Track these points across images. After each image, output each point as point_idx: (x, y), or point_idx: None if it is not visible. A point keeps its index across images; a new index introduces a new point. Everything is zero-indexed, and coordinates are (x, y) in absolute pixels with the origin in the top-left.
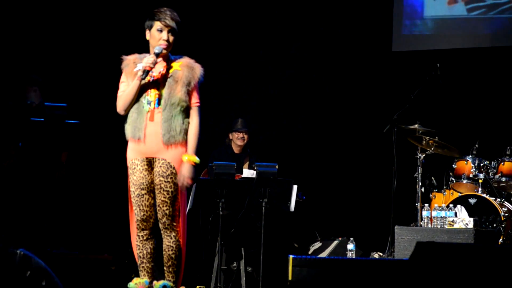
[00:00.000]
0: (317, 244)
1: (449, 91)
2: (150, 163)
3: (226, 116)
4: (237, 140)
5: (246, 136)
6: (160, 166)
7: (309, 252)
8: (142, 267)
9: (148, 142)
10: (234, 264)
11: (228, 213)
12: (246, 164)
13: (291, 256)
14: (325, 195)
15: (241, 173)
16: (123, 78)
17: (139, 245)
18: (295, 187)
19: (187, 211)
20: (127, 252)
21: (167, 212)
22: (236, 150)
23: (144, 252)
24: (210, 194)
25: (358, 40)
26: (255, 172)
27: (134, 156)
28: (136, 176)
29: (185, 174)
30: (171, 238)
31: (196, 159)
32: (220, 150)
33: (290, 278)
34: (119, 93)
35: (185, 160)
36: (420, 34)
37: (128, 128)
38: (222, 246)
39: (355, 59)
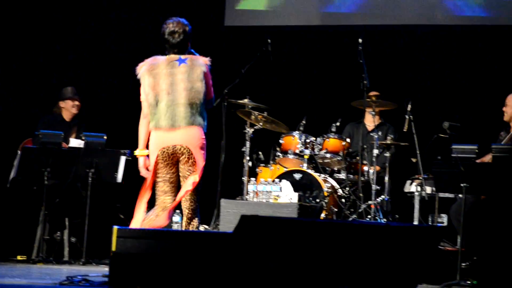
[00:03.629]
0: None
1: (279, 68)
2: None
3: (54, 84)
4: (72, 108)
5: (79, 104)
6: None
7: None
8: None
9: None
10: (58, 234)
11: (53, 182)
12: (74, 134)
13: (115, 227)
14: None
15: (68, 142)
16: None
17: None
18: (123, 158)
19: (10, 179)
20: None
21: None
22: (67, 118)
23: None
24: (35, 163)
25: (190, 13)
26: (83, 142)
27: None
28: None
29: None
30: None
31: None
32: (49, 117)
33: (113, 249)
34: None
35: None
36: (253, 10)
37: None
38: (45, 216)
39: None
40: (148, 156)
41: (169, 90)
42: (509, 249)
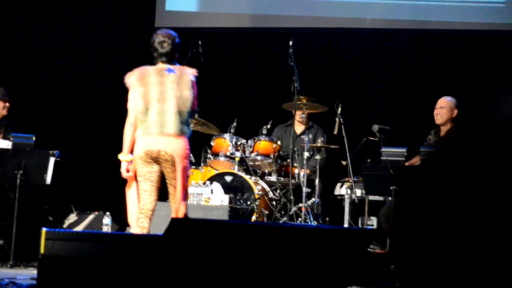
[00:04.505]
0: (73, 218)
1: (210, 69)
2: None
3: None
4: (2, 109)
5: (9, 105)
6: None
7: (64, 226)
8: None
9: None
10: None
11: None
12: (1, 135)
13: (44, 229)
14: (83, 168)
15: None
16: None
17: None
18: (52, 159)
19: None
20: None
21: None
22: None
23: None
24: None
25: (120, 14)
26: (11, 143)
27: None
28: None
29: None
30: None
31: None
32: None
33: (42, 251)
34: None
35: None
36: (184, 11)
37: None
38: None
39: (118, 32)
40: (131, 161)
41: (159, 98)
42: (433, 252)
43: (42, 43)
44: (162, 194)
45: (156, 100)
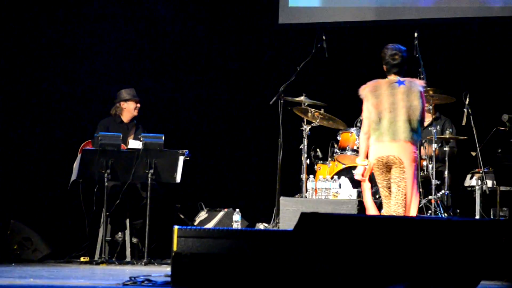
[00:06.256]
0: (203, 215)
1: (335, 64)
2: None
3: (109, 86)
4: (134, 110)
5: (139, 106)
6: None
7: (195, 223)
8: None
9: None
10: (120, 235)
11: (113, 184)
12: (132, 135)
13: (176, 227)
14: (212, 166)
15: (127, 143)
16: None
17: None
18: (181, 158)
19: (70, 182)
20: None
21: None
22: (126, 119)
23: None
24: (95, 165)
25: (244, 12)
26: (141, 143)
27: None
28: None
29: None
30: None
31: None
32: (108, 120)
33: (175, 248)
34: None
35: None
36: (307, 7)
37: None
38: (107, 217)
39: (242, 30)
40: (366, 166)
41: (390, 108)
42: None
43: (167, 44)
44: (288, 189)
45: (387, 110)
